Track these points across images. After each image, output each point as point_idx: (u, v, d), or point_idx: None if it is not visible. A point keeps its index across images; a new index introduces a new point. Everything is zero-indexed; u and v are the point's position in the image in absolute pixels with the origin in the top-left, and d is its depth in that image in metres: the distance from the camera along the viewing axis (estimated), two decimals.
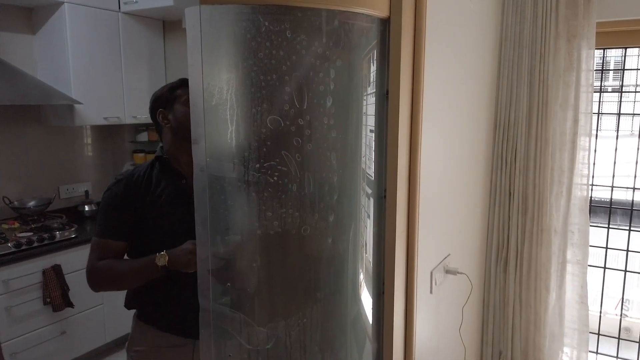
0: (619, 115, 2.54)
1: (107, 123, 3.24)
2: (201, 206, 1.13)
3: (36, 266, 2.67)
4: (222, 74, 1.09)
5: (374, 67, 1.25)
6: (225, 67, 1.10)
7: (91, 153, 3.57)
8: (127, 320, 1.57)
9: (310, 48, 1.10)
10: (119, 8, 3.22)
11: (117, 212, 1.45)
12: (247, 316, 1.21)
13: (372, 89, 1.26)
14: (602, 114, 2.62)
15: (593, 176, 2.39)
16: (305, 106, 1.11)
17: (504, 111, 2.29)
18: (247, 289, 1.25)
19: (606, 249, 2.60)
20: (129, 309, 1.55)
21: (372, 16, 1.18)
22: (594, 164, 2.36)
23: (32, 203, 3.09)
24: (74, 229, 2.92)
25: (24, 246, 2.65)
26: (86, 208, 3.37)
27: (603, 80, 2.57)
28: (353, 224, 1.30)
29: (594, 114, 2.23)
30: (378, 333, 1.37)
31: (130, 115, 3.37)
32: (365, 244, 1.34)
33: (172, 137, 1.49)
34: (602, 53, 2.53)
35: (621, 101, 2.53)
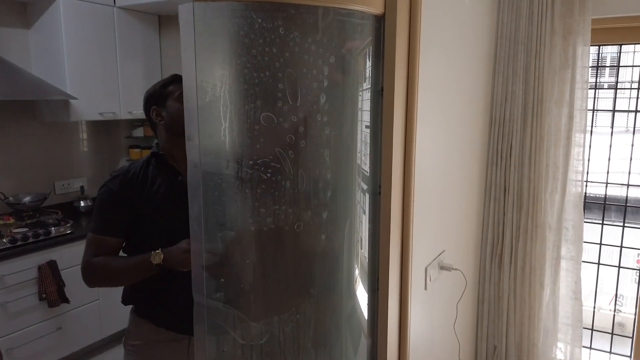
0: (613, 112, 2.55)
1: (102, 118, 3.23)
2: (195, 202, 1.13)
3: (31, 262, 2.67)
4: (215, 70, 1.09)
5: (369, 64, 1.25)
6: (218, 63, 1.10)
7: (86, 148, 3.56)
8: (123, 316, 1.58)
9: (304, 45, 1.09)
10: (114, 2, 3.20)
11: (113, 208, 1.45)
12: (241, 312, 1.21)
13: (367, 84, 1.26)
14: (597, 111, 2.63)
15: (588, 172, 2.40)
16: (298, 103, 1.11)
17: (499, 108, 2.29)
18: (241, 285, 1.25)
19: (600, 245, 2.62)
20: (125, 304, 1.55)
21: (366, 13, 1.18)
22: (589, 160, 2.37)
23: (27, 199, 3.08)
24: (69, 225, 2.92)
25: (19, 242, 2.65)
26: (82, 204, 3.36)
27: (598, 77, 2.58)
28: (348, 220, 1.31)
29: (589, 111, 2.23)
30: (373, 329, 1.38)
31: (126, 111, 3.35)
32: (361, 239, 1.34)
33: (166, 134, 1.48)
34: (598, 50, 2.53)
35: (616, 98, 2.54)
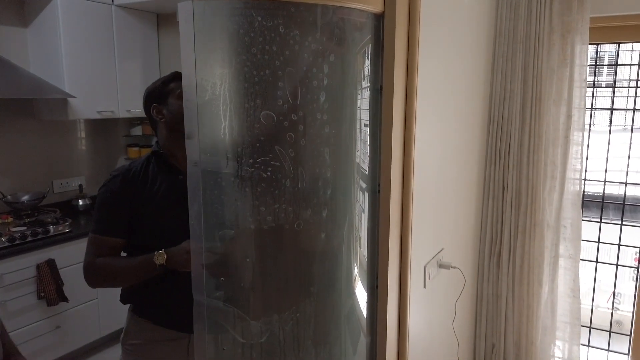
0: (611, 110, 2.55)
1: (100, 117, 3.22)
2: (195, 201, 1.13)
3: (30, 261, 2.67)
4: (215, 69, 1.09)
5: (368, 62, 1.25)
6: (218, 62, 1.10)
7: (85, 147, 3.56)
8: (122, 315, 1.57)
9: (304, 43, 1.09)
10: (112, 1, 3.19)
11: (114, 208, 1.43)
12: (241, 310, 1.22)
13: (366, 83, 1.26)
14: (595, 109, 2.63)
15: (586, 171, 2.41)
16: (298, 101, 1.11)
17: (497, 106, 2.30)
18: (241, 284, 1.25)
19: (598, 243, 2.62)
20: (124, 303, 1.54)
21: (366, 11, 1.18)
22: (587, 158, 2.38)
23: (25, 197, 3.07)
24: (67, 224, 2.92)
25: (17, 240, 2.64)
26: (80, 202, 3.36)
27: (597, 75, 2.58)
28: (347, 218, 1.31)
29: (587, 109, 2.24)
30: (372, 327, 1.38)
31: (124, 109, 3.35)
32: (360, 238, 1.34)
33: (167, 132, 1.47)
34: (596, 48, 2.54)
35: (614, 96, 2.55)
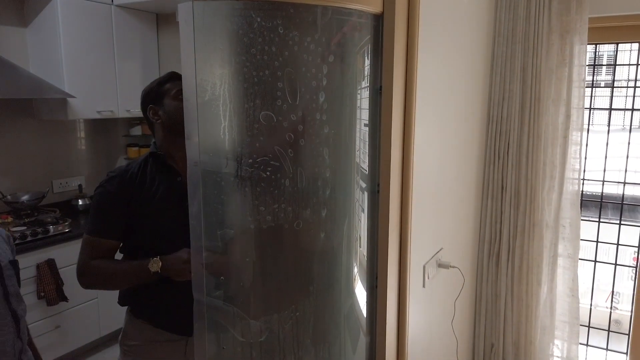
0: (610, 110, 2.56)
1: (100, 117, 3.22)
2: (195, 200, 1.13)
3: (30, 260, 2.67)
4: (214, 69, 1.09)
5: (368, 62, 1.26)
6: (217, 62, 1.10)
7: (84, 147, 3.56)
8: (122, 315, 1.57)
9: (303, 44, 1.10)
10: (111, 0, 3.20)
11: (110, 209, 1.42)
12: (240, 309, 1.22)
13: (366, 83, 1.26)
14: (594, 109, 2.64)
15: (584, 170, 2.41)
16: (297, 102, 1.12)
17: (497, 106, 2.30)
18: (241, 283, 1.25)
19: (597, 242, 2.63)
20: (122, 305, 1.53)
21: (365, 12, 1.18)
22: (586, 158, 2.39)
23: (25, 197, 3.08)
24: (67, 223, 2.92)
25: (17, 240, 2.64)
26: (80, 202, 3.36)
27: (595, 75, 2.59)
28: (347, 218, 1.31)
29: (586, 109, 2.24)
30: (371, 326, 1.39)
31: (124, 109, 3.35)
32: (360, 237, 1.34)
33: (164, 132, 1.46)
34: (595, 48, 2.54)
35: (613, 96, 2.55)
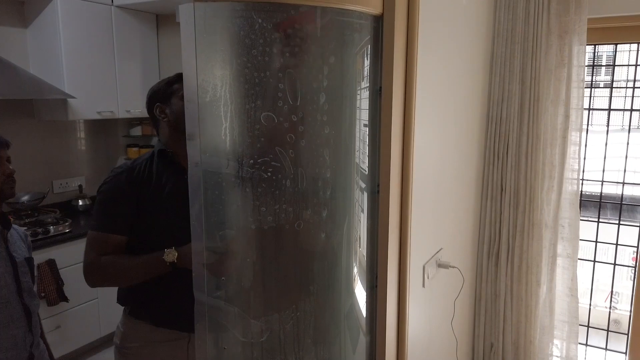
0: (609, 111, 2.57)
1: (100, 117, 3.23)
2: (196, 201, 1.14)
3: None
4: (216, 70, 1.10)
5: (367, 63, 1.26)
6: (219, 63, 1.11)
7: (85, 147, 3.56)
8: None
9: (304, 45, 1.10)
10: (111, 1, 3.20)
11: (117, 205, 1.42)
12: (241, 309, 1.23)
13: (365, 84, 1.27)
14: (593, 109, 2.64)
15: (583, 171, 2.42)
16: (298, 103, 1.12)
17: (496, 107, 2.31)
18: (242, 283, 1.26)
19: (596, 242, 2.64)
20: (122, 305, 1.53)
21: (365, 13, 1.19)
22: (585, 158, 2.39)
23: (25, 198, 3.08)
24: (68, 224, 2.92)
25: None
26: (80, 202, 3.36)
27: (594, 76, 2.59)
28: (347, 218, 1.32)
29: (585, 110, 2.25)
30: (371, 326, 1.39)
31: (124, 110, 3.36)
32: (360, 237, 1.35)
33: (169, 131, 1.48)
34: (593, 49, 2.55)
35: (612, 96, 2.56)
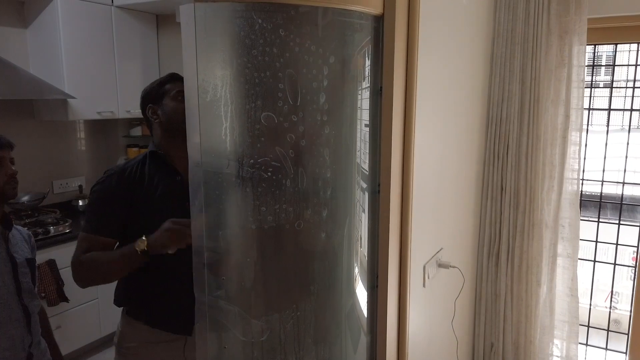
0: (609, 111, 2.57)
1: (100, 117, 3.23)
2: (196, 201, 1.14)
3: None
4: (216, 70, 1.10)
5: (368, 63, 1.26)
6: (219, 64, 1.11)
7: (84, 148, 3.56)
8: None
9: (304, 45, 1.10)
10: (112, 2, 3.20)
11: (108, 207, 1.41)
12: (242, 309, 1.23)
13: (366, 84, 1.27)
14: (593, 109, 2.64)
15: (584, 171, 2.42)
16: (298, 103, 1.12)
17: (496, 107, 2.31)
18: (243, 283, 1.26)
19: (596, 242, 2.64)
20: (119, 306, 1.53)
21: (365, 13, 1.19)
22: (585, 158, 2.39)
23: (25, 198, 3.08)
24: (68, 224, 2.92)
25: None
26: (80, 203, 3.36)
27: (594, 76, 2.60)
28: (348, 218, 1.32)
29: (585, 109, 2.25)
30: (372, 326, 1.39)
31: (124, 110, 3.36)
32: (360, 237, 1.35)
33: (161, 132, 1.48)
34: (593, 49, 2.55)
35: (612, 96, 2.56)
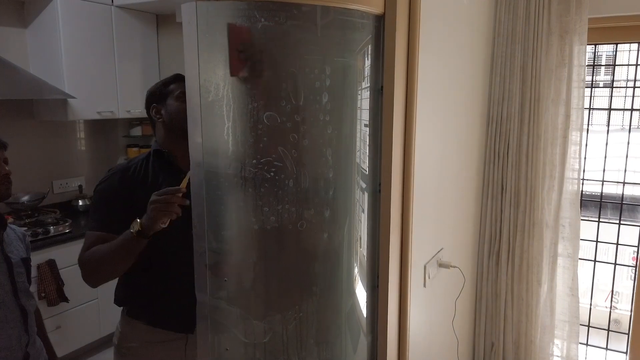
0: (609, 110, 2.57)
1: (100, 117, 3.23)
2: (198, 201, 1.14)
3: None
4: (218, 70, 1.10)
5: (368, 62, 1.26)
6: (221, 63, 1.11)
7: (84, 148, 3.56)
8: None
9: (306, 44, 1.10)
10: (112, 1, 3.20)
11: (112, 205, 1.42)
12: (244, 310, 1.22)
13: (367, 83, 1.27)
14: (593, 109, 2.64)
15: (584, 170, 2.42)
16: (301, 102, 1.12)
17: (496, 106, 2.31)
18: (244, 284, 1.26)
19: (596, 242, 2.64)
20: (119, 305, 1.52)
21: (367, 12, 1.19)
22: (585, 158, 2.39)
23: (25, 198, 3.07)
24: (68, 224, 2.92)
25: None
26: (80, 203, 3.36)
27: (594, 76, 2.60)
28: (348, 218, 1.32)
29: (586, 109, 2.25)
30: (372, 326, 1.39)
31: (124, 110, 3.35)
32: (360, 238, 1.35)
33: (165, 132, 1.48)
34: (594, 48, 2.55)
35: (612, 96, 2.56)
